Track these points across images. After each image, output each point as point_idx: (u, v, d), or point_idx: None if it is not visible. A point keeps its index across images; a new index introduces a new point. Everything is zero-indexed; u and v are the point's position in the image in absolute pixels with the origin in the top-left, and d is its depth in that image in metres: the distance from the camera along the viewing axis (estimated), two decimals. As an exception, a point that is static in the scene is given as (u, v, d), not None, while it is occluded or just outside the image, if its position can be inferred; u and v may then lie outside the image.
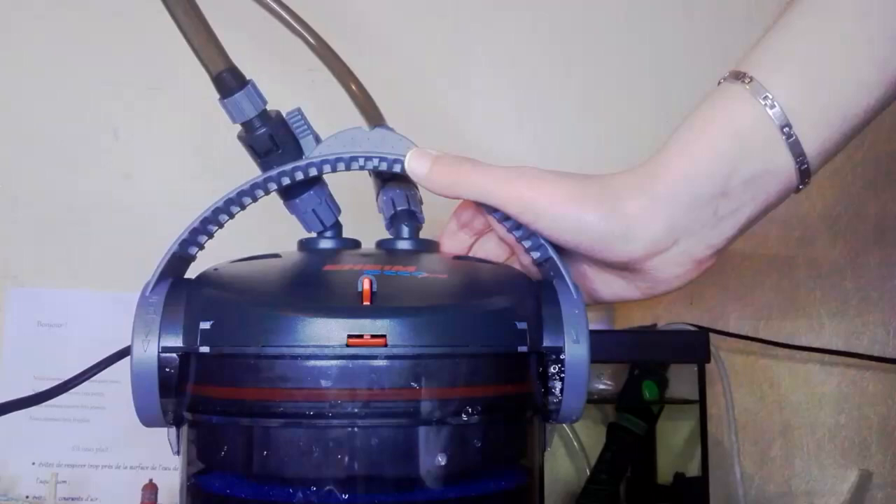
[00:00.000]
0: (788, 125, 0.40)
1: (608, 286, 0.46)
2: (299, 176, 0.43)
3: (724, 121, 0.41)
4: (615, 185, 0.42)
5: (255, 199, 0.42)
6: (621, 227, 0.41)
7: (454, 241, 0.48)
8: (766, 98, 0.40)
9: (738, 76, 0.41)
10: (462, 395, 0.36)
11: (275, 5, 0.52)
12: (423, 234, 0.48)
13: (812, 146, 0.40)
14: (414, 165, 0.43)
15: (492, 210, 0.43)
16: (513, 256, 0.48)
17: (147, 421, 0.38)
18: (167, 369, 0.37)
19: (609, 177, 0.42)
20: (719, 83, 0.43)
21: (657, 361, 0.75)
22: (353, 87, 0.53)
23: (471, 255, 0.48)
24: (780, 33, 0.42)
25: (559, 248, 0.42)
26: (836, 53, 0.40)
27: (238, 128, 0.44)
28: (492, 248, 0.48)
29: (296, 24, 0.52)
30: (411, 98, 0.84)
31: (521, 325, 0.37)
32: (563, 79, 0.88)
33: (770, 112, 0.40)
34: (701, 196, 0.41)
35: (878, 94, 0.40)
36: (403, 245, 0.46)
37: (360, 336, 0.35)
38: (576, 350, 0.38)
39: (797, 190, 0.42)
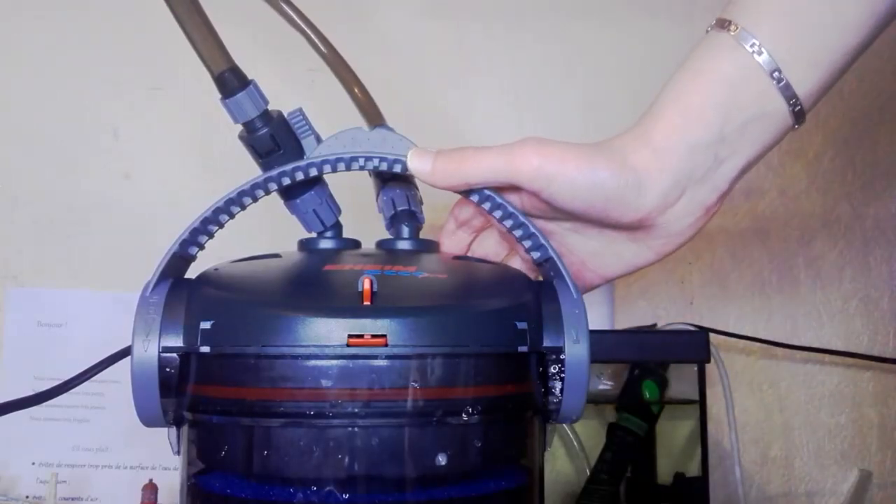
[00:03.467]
0: (778, 70, 0.40)
1: (620, 257, 0.46)
2: (299, 176, 0.43)
3: (714, 70, 0.42)
4: (618, 145, 0.42)
5: (255, 199, 0.42)
6: (633, 180, 0.41)
7: (453, 240, 0.48)
8: (752, 45, 0.41)
9: (724, 24, 0.42)
10: (462, 395, 0.36)
11: (282, 3, 0.52)
12: (423, 235, 0.48)
13: (803, 88, 0.41)
14: (417, 163, 0.43)
15: (492, 209, 0.43)
16: (512, 253, 0.48)
17: (147, 421, 0.38)
18: (167, 369, 0.37)
19: (609, 139, 0.43)
20: (707, 31, 0.43)
21: (657, 361, 0.75)
22: (354, 87, 0.53)
23: (469, 252, 0.48)
24: None
25: (563, 244, 0.42)
26: None
27: (238, 127, 0.44)
28: (491, 246, 0.48)
29: (300, 22, 0.52)
30: (411, 98, 0.84)
31: (522, 325, 0.37)
32: (563, 79, 0.88)
33: (758, 59, 0.41)
34: (698, 144, 0.41)
35: (864, 33, 0.41)
36: (403, 245, 0.46)
37: (361, 336, 0.35)
38: (576, 350, 0.38)
39: (794, 129, 0.43)
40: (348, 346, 0.35)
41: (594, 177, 0.41)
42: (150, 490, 0.68)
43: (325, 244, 0.46)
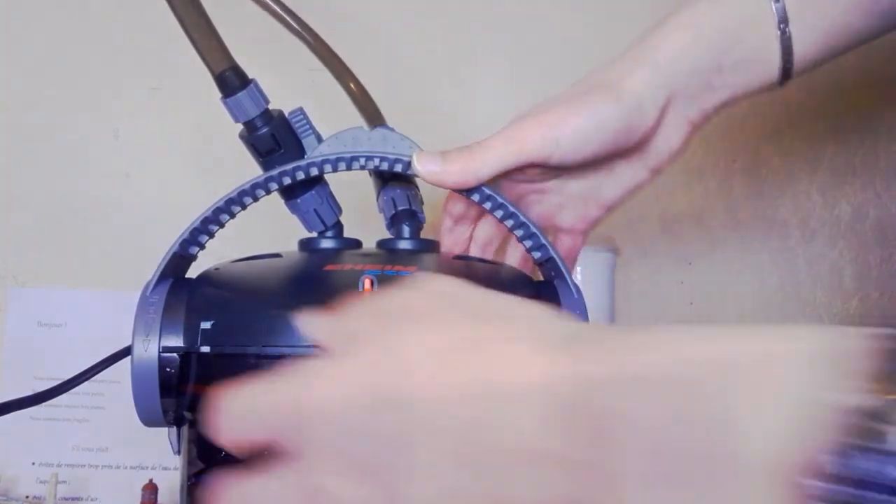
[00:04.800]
0: (785, 21, 0.43)
1: (618, 182, 0.48)
2: (300, 175, 0.43)
3: (731, 5, 0.44)
4: (609, 74, 0.44)
5: (255, 199, 0.42)
6: (633, 103, 0.43)
7: (453, 236, 0.48)
8: None
9: None
10: (463, 394, 0.36)
11: (274, 6, 0.52)
12: (424, 234, 0.48)
13: (800, 47, 0.43)
14: (426, 166, 0.43)
15: (493, 209, 0.43)
16: (510, 236, 0.48)
17: (147, 421, 0.38)
18: (168, 369, 0.37)
19: (596, 71, 0.45)
20: None
21: (657, 361, 0.75)
22: (353, 86, 0.53)
23: (472, 240, 0.49)
24: None
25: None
26: None
27: (238, 127, 0.44)
28: (492, 228, 0.49)
29: (295, 24, 0.52)
30: (411, 98, 0.84)
31: (522, 325, 0.37)
32: (562, 79, 0.88)
33: (774, 6, 0.43)
34: (698, 67, 0.44)
35: (869, 20, 0.43)
36: (404, 245, 0.46)
37: (361, 336, 0.35)
38: (577, 350, 0.38)
39: (777, 87, 0.45)
40: (349, 345, 0.34)
41: (598, 116, 0.43)
42: (150, 490, 0.68)
43: (326, 244, 0.46)
